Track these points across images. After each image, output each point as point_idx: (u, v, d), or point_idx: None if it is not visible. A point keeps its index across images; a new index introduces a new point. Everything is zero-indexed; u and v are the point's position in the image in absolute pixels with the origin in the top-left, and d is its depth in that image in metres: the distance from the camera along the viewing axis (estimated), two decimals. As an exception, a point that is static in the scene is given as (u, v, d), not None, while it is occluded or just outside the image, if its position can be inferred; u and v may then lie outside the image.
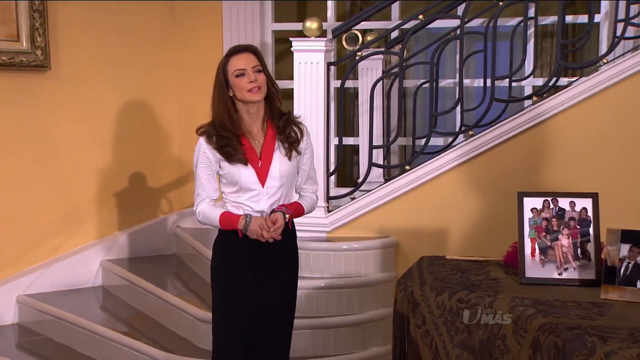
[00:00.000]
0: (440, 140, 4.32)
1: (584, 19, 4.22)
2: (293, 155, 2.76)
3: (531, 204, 2.64)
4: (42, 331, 4.19)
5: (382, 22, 4.80)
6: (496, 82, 3.89)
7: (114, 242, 4.73)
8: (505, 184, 3.74)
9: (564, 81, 4.03)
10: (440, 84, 4.13)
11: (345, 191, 4.11)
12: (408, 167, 3.96)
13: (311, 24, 3.86)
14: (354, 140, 4.91)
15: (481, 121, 3.90)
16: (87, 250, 4.62)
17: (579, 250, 2.58)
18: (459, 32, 3.91)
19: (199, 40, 4.95)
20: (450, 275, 2.70)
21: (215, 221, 2.73)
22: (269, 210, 2.73)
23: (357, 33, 4.10)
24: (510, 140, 3.82)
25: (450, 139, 4.03)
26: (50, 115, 4.46)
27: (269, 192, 2.72)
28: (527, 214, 2.64)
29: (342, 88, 4.04)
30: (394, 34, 4.41)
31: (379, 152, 4.20)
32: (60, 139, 4.51)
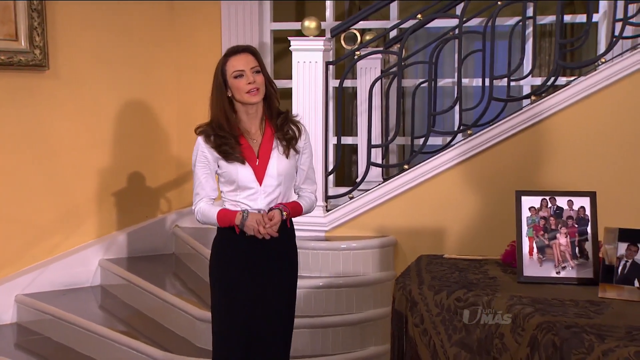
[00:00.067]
0: (439, 139, 4.32)
1: (583, 18, 4.23)
2: (291, 153, 2.76)
3: (529, 202, 2.64)
4: (41, 331, 4.19)
5: (380, 21, 4.79)
6: (495, 82, 3.90)
7: (113, 242, 4.73)
8: (504, 183, 3.75)
9: (563, 80, 4.04)
10: (439, 84, 4.13)
11: (344, 190, 4.11)
12: (407, 167, 3.96)
13: (310, 23, 3.86)
14: (353, 140, 4.91)
15: (480, 120, 3.90)
16: (85, 249, 4.61)
17: (577, 249, 2.59)
18: (457, 31, 3.91)
19: (198, 40, 4.95)
20: (449, 274, 2.70)
21: (213, 218, 2.73)
22: (267, 209, 2.73)
23: (356, 32, 4.10)
24: (508, 140, 3.82)
25: (448, 138, 4.03)
26: (49, 115, 4.46)
27: (267, 190, 2.72)
28: (525, 213, 2.64)
29: (341, 87, 4.05)
30: (393, 34, 4.41)
31: (378, 152, 4.20)
32: (59, 138, 4.51)
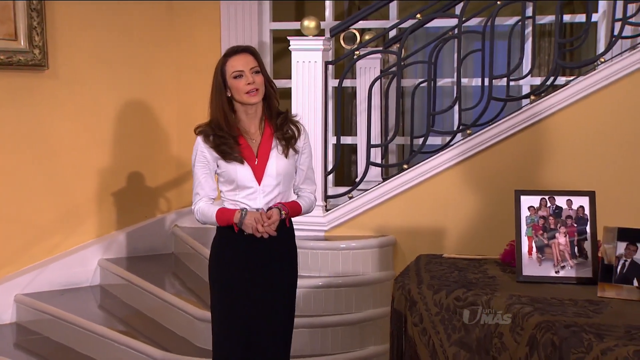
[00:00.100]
0: (438, 139, 4.32)
1: (582, 18, 4.23)
2: (290, 153, 2.76)
3: (528, 202, 2.65)
4: (40, 330, 4.19)
5: (380, 21, 4.79)
6: (494, 81, 3.90)
7: (112, 242, 4.73)
8: (503, 183, 3.75)
9: (562, 80, 4.04)
10: (438, 83, 4.13)
11: (343, 190, 4.11)
12: (406, 166, 3.96)
13: (309, 23, 3.86)
14: (352, 139, 4.91)
15: (479, 120, 3.90)
16: (85, 249, 4.61)
17: (576, 249, 2.59)
18: (456, 31, 3.91)
19: (198, 40, 4.95)
20: (448, 274, 2.70)
21: (212, 217, 2.73)
22: (266, 209, 2.73)
23: (355, 32, 4.10)
24: (508, 139, 3.82)
25: (448, 138, 4.03)
26: (49, 115, 4.46)
27: (266, 190, 2.72)
28: (525, 212, 2.64)
29: (340, 87, 4.04)
30: (392, 33, 4.40)
31: (377, 151, 4.20)
32: (58, 138, 4.50)
